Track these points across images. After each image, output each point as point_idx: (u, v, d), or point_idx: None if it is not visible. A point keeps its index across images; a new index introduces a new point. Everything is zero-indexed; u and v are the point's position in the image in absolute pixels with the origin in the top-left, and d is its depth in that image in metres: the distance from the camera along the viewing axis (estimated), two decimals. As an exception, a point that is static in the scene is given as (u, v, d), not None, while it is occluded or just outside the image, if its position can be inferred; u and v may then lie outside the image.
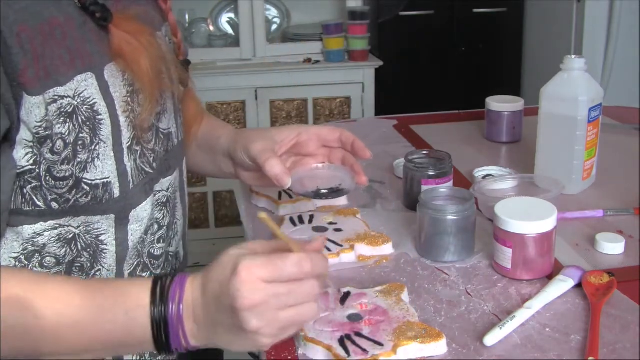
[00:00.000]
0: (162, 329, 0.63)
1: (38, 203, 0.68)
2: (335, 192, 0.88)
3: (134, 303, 0.63)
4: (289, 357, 0.72)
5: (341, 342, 0.71)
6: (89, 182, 0.69)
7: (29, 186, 0.67)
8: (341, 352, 0.69)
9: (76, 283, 0.64)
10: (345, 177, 0.89)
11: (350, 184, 0.88)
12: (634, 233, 0.97)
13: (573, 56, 1.09)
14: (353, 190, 0.90)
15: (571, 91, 1.08)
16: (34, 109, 0.64)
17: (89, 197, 0.70)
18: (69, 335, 0.62)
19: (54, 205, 0.69)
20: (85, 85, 0.67)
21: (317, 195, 0.88)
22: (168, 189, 0.81)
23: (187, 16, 2.88)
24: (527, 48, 3.06)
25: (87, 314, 0.62)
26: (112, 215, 0.73)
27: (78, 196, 0.69)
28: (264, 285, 0.60)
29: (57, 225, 0.71)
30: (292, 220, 1.01)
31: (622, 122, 1.46)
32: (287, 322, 0.62)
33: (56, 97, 0.65)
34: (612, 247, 0.92)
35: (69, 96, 0.66)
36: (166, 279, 0.64)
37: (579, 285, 0.83)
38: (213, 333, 0.64)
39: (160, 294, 0.63)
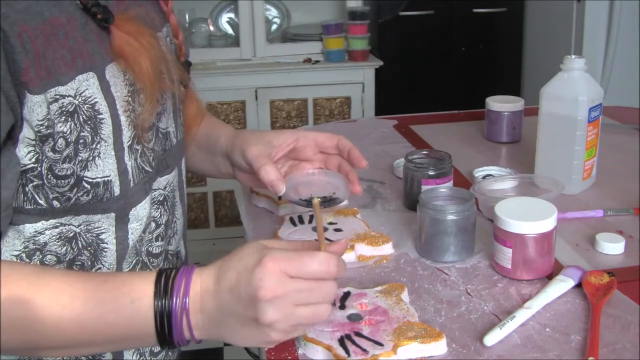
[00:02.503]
0: (165, 323, 0.63)
1: (40, 201, 0.69)
2: (328, 202, 0.88)
3: (138, 294, 0.63)
4: (289, 357, 0.72)
5: (341, 342, 0.71)
6: (90, 180, 0.70)
7: (31, 184, 0.68)
8: (341, 352, 0.69)
9: (78, 275, 0.64)
10: (339, 185, 0.89)
11: (344, 192, 0.88)
12: (634, 233, 0.97)
13: (573, 56, 1.09)
14: (346, 200, 0.90)
15: (571, 91, 1.08)
16: (35, 108, 0.64)
17: (90, 196, 0.70)
18: (72, 328, 0.62)
19: (56, 203, 0.69)
20: (86, 84, 0.68)
21: (309, 203, 0.88)
22: (165, 187, 0.82)
23: (187, 16, 2.88)
24: (527, 48, 3.06)
25: (89, 306, 0.62)
26: (113, 214, 0.73)
27: (79, 194, 0.70)
28: (288, 279, 0.61)
29: (58, 224, 0.71)
30: (292, 220, 1.01)
31: (622, 122, 1.46)
32: (301, 319, 0.63)
33: (57, 97, 0.65)
34: (612, 247, 0.92)
35: (70, 95, 0.66)
36: (171, 271, 0.65)
37: (579, 285, 0.83)
38: (222, 324, 0.64)
39: (164, 286, 0.63)
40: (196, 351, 2.30)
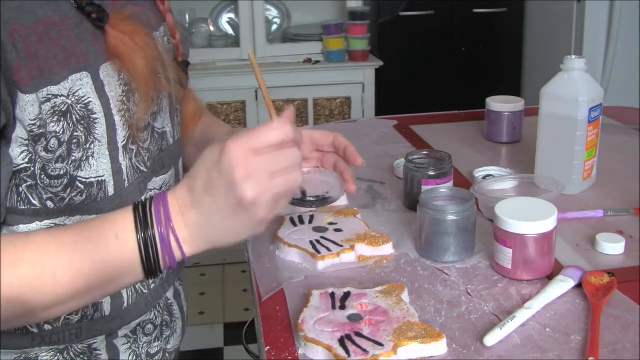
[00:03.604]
0: (151, 250, 0.63)
1: (33, 202, 0.69)
2: (321, 200, 0.87)
3: (121, 226, 0.63)
4: (289, 357, 0.72)
5: (341, 342, 0.71)
6: (83, 180, 0.69)
7: (24, 184, 0.68)
8: (341, 352, 0.69)
9: (59, 227, 0.65)
10: (334, 183, 0.88)
11: (338, 191, 0.88)
12: (634, 233, 0.97)
13: (573, 56, 1.09)
14: (341, 199, 0.90)
15: (571, 91, 1.08)
16: (27, 107, 0.64)
17: (84, 196, 0.70)
18: (68, 275, 0.61)
19: (49, 204, 0.69)
20: (80, 84, 0.67)
21: (302, 202, 0.87)
22: (161, 187, 0.82)
23: (187, 16, 2.88)
24: (527, 48, 3.06)
25: (78, 248, 0.62)
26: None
27: (73, 194, 0.69)
28: (254, 154, 0.63)
29: (53, 225, 0.71)
30: (292, 220, 1.01)
31: (622, 122, 1.46)
32: (279, 186, 0.63)
33: (49, 96, 0.65)
34: (612, 247, 0.92)
35: (62, 95, 0.66)
36: (146, 200, 0.65)
37: (579, 285, 0.83)
38: (208, 228, 0.64)
39: (143, 214, 0.63)
40: (196, 351, 2.30)
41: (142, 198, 0.73)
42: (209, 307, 2.58)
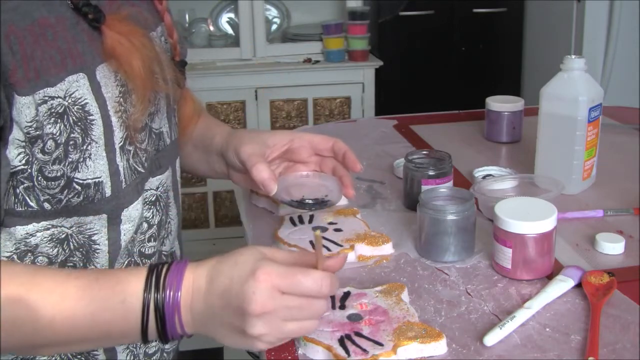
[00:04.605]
0: (157, 317, 0.62)
1: (31, 203, 0.68)
2: (319, 204, 0.87)
3: (131, 290, 0.63)
4: (289, 357, 0.72)
5: (341, 342, 0.71)
6: (81, 181, 0.69)
7: (22, 186, 0.67)
8: (341, 352, 0.69)
9: (70, 273, 0.64)
10: (332, 187, 0.88)
11: (336, 195, 0.87)
12: (634, 233, 0.97)
13: (573, 56, 1.09)
14: (338, 203, 0.90)
15: (571, 91, 1.08)
16: (24, 109, 0.63)
17: (81, 197, 0.69)
18: (65, 327, 0.62)
19: (47, 205, 0.69)
20: (76, 85, 0.67)
21: (300, 205, 0.87)
22: (158, 187, 0.81)
23: (187, 16, 2.88)
24: (527, 48, 3.06)
25: (81, 305, 0.62)
26: (105, 215, 0.72)
27: (70, 196, 0.69)
28: (279, 294, 0.61)
29: (50, 226, 0.70)
30: (292, 220, 1.01)
31: (622, 122, 1.46)
32: (289, 333, 0.63)
33: (46, 98, 0.64)
34: (612, 247, 0.92)
35: (59, 97, 0.65)
36: (162, 266, 0.64)
37: (579, 285, 0.83)
38: (209, 326, 0.64)
39: (156, 281, 0.63)
40: (196, 351, 2.30)
41: (158, 263, 0.70)
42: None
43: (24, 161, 0.66)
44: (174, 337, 0.65)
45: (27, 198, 0.68)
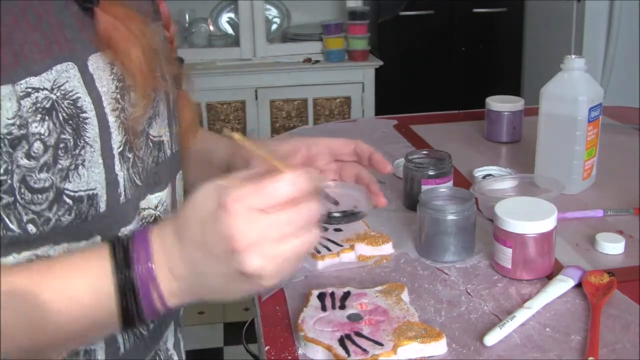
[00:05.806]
0: (131, 297, 0.54)
1: (11, 226, 0.55)
2: (349, 216, 0.78)
3: (97, 274, 0.54)
4: (289, 357, 0.72)
5: (341, 342, 0.71)
6: (72, 194, 0.57)
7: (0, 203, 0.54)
8: (341, 352, 0.69)
9: (20, 272, 0.54)
10: (360, 197, 0.79)
11: (365, 205, 0.78)
12: (634, 233, 0.97)
13: (573, 56, 1.09)
14: (369, 213, 0.81)
15: (571, 91, 1.08)
16: (4, 102, 0.52)
17: (72, 214, 0.58)
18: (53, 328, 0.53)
19: (31, 228, 0.56)
20: (66, 76, 0.56)
21: (329, 219, 0.77)
22: (157, 207, 0.68)
23: (187, 16, 2.88)
24: (527, 48, 3.06)
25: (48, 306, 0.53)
26: (98, 238, 0.60)
27: (60, 213, 0.57)
28: (259, 215, 0.51)
29: (34, 257, 0.57)
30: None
31: (622, 122, 1.46)
32: (289, 254, 0.53)
33: (29, 90, 0.53)
34: (612, 247, 0.92)
35: (45, 88, 0.54)
36: (125, 239, 0.55)
37: (579, 285, 0.83)
38: (202, 287, 0.56)
39: (124, 257, 0.54)
40: (196, 351, 2.30)
41: (120, 235, 0.61)
42: (208, 307, 2.58)
43: (2, 170, 0.53)
44: (151, 315, 0.56)
45: (6, 219, 0.55)
